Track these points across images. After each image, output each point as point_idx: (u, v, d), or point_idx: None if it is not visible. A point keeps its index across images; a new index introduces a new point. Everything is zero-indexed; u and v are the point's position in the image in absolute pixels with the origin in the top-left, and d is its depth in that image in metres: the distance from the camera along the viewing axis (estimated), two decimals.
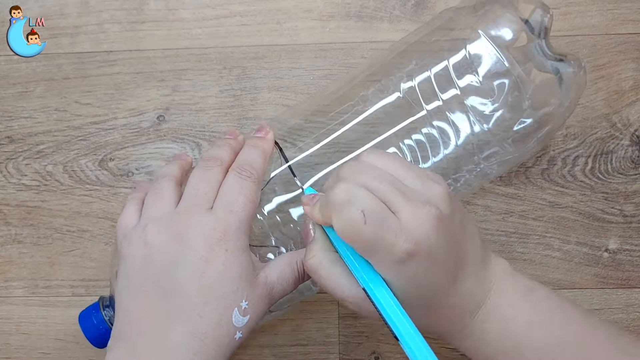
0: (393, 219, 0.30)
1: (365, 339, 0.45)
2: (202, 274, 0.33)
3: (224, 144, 0.38)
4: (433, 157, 0.39)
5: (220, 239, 0.33)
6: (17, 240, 0.47)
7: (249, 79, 0.47)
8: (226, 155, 0.37)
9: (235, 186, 0.35)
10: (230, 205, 0.34)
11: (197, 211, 0.34)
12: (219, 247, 0.33)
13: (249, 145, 0.38)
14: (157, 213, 0.35)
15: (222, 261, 0.33)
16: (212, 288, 0.33)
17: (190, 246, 0.33)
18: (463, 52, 0.38)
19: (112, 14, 0.48)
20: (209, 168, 0.36)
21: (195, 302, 0.33)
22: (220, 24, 0.48)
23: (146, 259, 0.34)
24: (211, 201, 0.35)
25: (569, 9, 0.47)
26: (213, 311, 0.33)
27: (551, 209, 0.46)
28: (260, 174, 0.36)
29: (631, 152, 0.46)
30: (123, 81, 0.47)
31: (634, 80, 0.46)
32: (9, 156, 0.47)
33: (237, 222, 0.34)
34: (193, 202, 0.35)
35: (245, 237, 0.34)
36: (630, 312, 0.45)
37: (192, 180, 0.36)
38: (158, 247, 0.34)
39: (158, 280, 0.33)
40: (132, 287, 0.34)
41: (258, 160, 0.36)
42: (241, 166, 0.36)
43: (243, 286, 0.33)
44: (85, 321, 0.39)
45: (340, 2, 0.47)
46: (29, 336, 0.46)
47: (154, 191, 0.37)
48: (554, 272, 0.45)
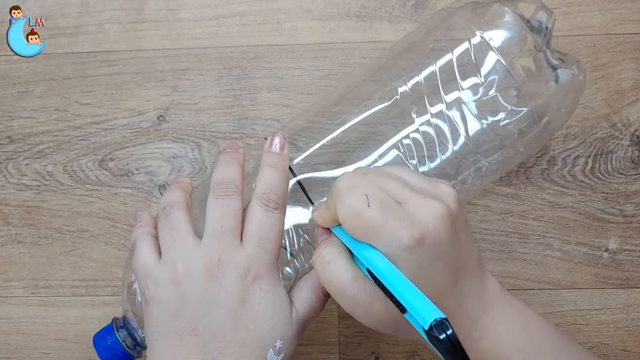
0: (398, 206, 0.29)
1: (365, 339, 0.45)
2: (238, 315, 0.32)
3: (232, 161, 0.36)
4: (438, 155, 0.39)
5: (254, 278, 0.33)
6: (17, 240, 0.47)
7: (249, 79, 0.47)
8: (238, 176, 0.35)
9: (264, 222, 0.34)
10: (262, 242, 0.33)
11: (227, 247, 0.33)
12: (253, 287, 0.33)
13: (269, 165, 0.35)
14: (181, 249, 0.34)
15: (257, 301, 0.33)
16: (248, 330, 0.33)
17: (224, 286, 0.33)
18: (463, 53, 0.38)
19: (112, 14, 0.48)
20: (227, 197, 0.34)
21: (233, 346, 0.32)
22: (220, 24, 0.48)
23: (180, 301, 0.33)
24: (237, 235, 0.34)
25: (569, 9, 0.47)
26: (249, 353, 0.32)
27: (551, 209, 0.46)
28: (285, 202, 0.35)
29: (631, 152, 0.46)
30: (123, 81, 0.47)
31: (634, 80, 0.46)
32: (9, 156, 0.47)
33: (270, 259, 0.34)
34: (220, 237, 0.33)
35: (277, 273, 0.34)
36: (630, 312, 0.45)
37: (213, 213, 0.34)
38: (191, 288, 0.33)
39: (195, 323, 0.32)
40: (166, 332, 0.33)
41: (281, 187, 0.35)
42: (267, 196, 0.34)
43: (278, 325, 0.33)
44: (100, 344, 0.38)
45: (340, 2, 0.47)
46: (29, 336, 0.46)
47: (168, 225, 0.35)
48: (554, 272, 0.45)
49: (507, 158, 0.40)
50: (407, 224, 0.29)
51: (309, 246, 0.38)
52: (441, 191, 0.31)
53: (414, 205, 0.30)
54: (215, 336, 0.32)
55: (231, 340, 0.32)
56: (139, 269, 0.35)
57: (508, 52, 0.37)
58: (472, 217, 0.45)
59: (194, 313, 0.33)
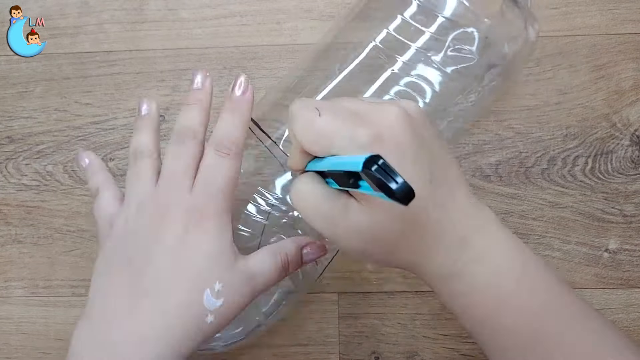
0: (351, 112, 0.29)
1: (365, 339, 0.45)
2: (176, 253, 0.33)
3: (194, 105, 0.36)
4: None
5: (198, 219, 0.33)
6: (17, 240, 0.47)
7: (249, 79, 0.47)
8: (198, 122, 0.36)
9: (214, 167, 0.34)
10: (209, 186, 0.34)
11: (175, 190, 0.34)
12: (195, 228, 0.33)
13: (227, 110, 0.36)
14: (138, 193, 0.35)
15: (197, 241, 0.33)
16: (184, 266, 0.33)
17: (168, 227, 0.33)
18: None
19: (112, 14, 0.48)
20: (182, 143, 0.35)
21: (166, 281, 0.32)
22: (220, 24, 0.48)
23: (125, 237, 0.34)
24: (189, 178, 0.34)
25: (569, 9, 0.47)
26: (183, 290, 0.32)
27: (551, 209, 0.46)
28: (240, 146, 0.35)
29: (631, 152, 0.46)
30: (123, 81, 0.47)
31: (634, 80, 0.46)
32: (9, 156, 0.47)
33: (215, 202, 0.34)
34: (169, 180, 0.34)
35: (225, 218, 0.34)
36: (630, 312, 0.45)
37: (167, 159, 0.35)
38: (136, 225, 0.34)
39: (133, 258, 0.33)
40: (106, 264, 0.34)
41: (237, 132, 0.35)
42: (220, 142, 0.35)
43: (218, 268, 0.33)
44: None
45: (340, 2, 0.47)
46: (29, 336, 0.46)
47: (133, 171, 0.36)
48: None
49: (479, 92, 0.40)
50: (360, 124, 0.29)
51: None
52: (400, 103, 0.31)
53: (368, 111, 0.29)
54: (149, 270, 0.33)
55: (165, 276, 0.32)
56: (100, 215, 0.37)
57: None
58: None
59: (133, 248, 0.33)
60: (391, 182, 0.24)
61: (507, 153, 0.46)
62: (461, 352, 0.44)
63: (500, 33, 0.40)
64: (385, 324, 0.45)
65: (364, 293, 0.45)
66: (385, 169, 0.24)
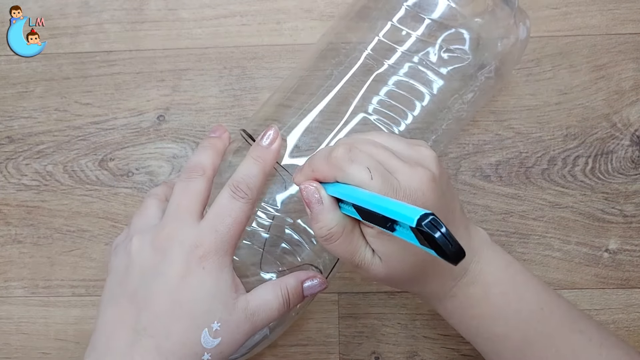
0: (393, 177, 0.31)
1: (365, 339, 0.45)
2: (175, 289, 0.33)
3: (208, 147, 0.38)
4: (411, 112, 0.40)
5: (200, 257, 0.33)
6: (17, 240, 0.47)
7: (249, 79, 0.47)
8: (209, 161, 0.37)
9: (224, 206, 0.35)
10: (216, 224, 0.34)
11: (180, 224, 0.34)
12: (196, 265, 0.33)
13: (251, 157, 0.36)
14: (141, 226, 0.36)
15: (198, 280, 0.33)
16: (184, 305, 0.33)
17: (168, 260, 0.33)
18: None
19: (112, 14, 0.48)
20: (191, 179, 0.36)
21: (165, 318, 0.33)
22: (220, 24, 0.48)
23: (127, 269, 0.34)
24: (194, 214, 0.35)
25: (569, 9, 0.47)
26: (181, 330, 0.33)
27: (551, 209, 0.46)
28: (256, 194, 0.36)
29: (631, 152, 0.46)
30: (123, 81, 0.47)
31: (634, 80, 0.46)
32: (9, 156, 0.47)
33: (219, 242, 0.34)
34: (175, 215, 0.35)
35: (226, 258, 0.34)
36: (630, 312, 0.45)
37: (175, 193, 0.36)
38: (138, 258, 0.34)
39: (134, 291, 0.33)
40: (110, 296, 0.35)
41: (255, 179, 0.36)
42: (237, 184, 0.35)
43: (217, 307, 0.33)
44: None
45: (340, 2, 0.47)
46: (29, 336, 0.46)
47: (139, 210, 0.38)
48: (554, 272, 0.45)
49: (473, 94, 0.41)
50: (401, 196, 0.30)
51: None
52: (422, 155, 0.33)
53: (404, 176, 0.31)
54: (148, 306, 0.33)
55: (164, 312, 0.33)
56: (112, 247, 0.38)
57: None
58: (472, 217, 0.46)
59: (135, 282, 0.34)
60: (445, 244, 0.25)
61: (507, 153, 0.46)
62: (461, 352, 0.44)
63: (492, 32, 0.40)
64: (385, 324, 0.45)
65: (364, 293, 0.45)
66: (436, 224, 0.25)
